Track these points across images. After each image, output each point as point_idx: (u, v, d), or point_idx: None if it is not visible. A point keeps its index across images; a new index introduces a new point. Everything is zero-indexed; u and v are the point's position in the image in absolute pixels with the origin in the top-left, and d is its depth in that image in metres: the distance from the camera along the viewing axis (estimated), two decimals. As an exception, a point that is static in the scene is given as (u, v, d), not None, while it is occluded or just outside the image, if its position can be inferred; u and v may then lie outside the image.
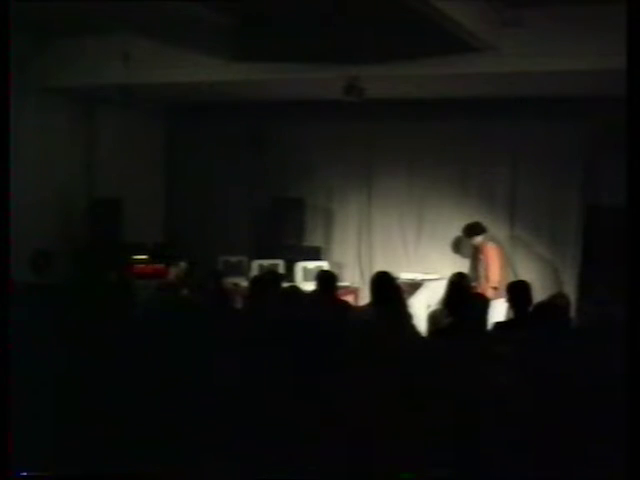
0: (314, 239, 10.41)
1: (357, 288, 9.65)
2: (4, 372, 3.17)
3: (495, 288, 8.26)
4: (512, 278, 7.79)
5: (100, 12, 7.20)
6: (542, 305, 5.35)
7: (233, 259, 9.65)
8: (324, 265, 9.29)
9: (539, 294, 5.78)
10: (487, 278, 8.54)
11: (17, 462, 3.28)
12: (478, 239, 8.98)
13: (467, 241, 9.30)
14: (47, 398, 4.35)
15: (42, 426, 4.15)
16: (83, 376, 4.52)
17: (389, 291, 5.77)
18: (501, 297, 7.21)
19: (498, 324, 5.72)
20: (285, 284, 7.03)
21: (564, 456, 3.85)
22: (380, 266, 7.92)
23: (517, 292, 5.48)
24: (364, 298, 8.45)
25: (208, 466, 3.95)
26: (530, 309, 5.38)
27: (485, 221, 9.14)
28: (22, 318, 4.51)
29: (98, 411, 4.32)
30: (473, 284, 8.16)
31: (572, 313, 6.37)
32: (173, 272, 8.43)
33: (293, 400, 4.23)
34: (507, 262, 9.06)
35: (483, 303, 6.06)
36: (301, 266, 9.32)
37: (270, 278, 6.61)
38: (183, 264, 8.43)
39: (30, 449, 3.73)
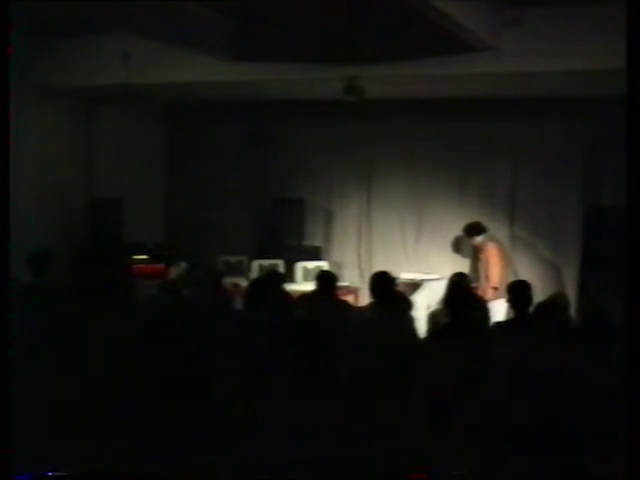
0: (314, 239, 10.42)
1: (357, 288, 9.64)
2: (4, 373, 3.17)
3: (495, 288, 8.22)
4: (512, 278, 7.78)
5: (100, 12, 7.19)
6: (542, 305, 5.35)
7: (233, 259, 9.65)
8: (324, 265, 9.29)
9: (539, 294, 5.77)
10: (487, 278, 8.49)
11: (17, 462, 3.29)
12: (478, 239, 8.91)
13: (467, 241, 9.29)
14: (48, 399, 4.35)
15: (42, 427, 4.15)
16: (84, 376, 4.53)
17: (388, 291, 5.77)
18: (501, 297, 7.20)
19: (498, 324, 5.71)
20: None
21: (562, 455, 3.85)
22: (380, 266, 7.91)
23: (518, 292, 5.46)
24: (364, 298, 8.44)
25: (210, 466, 3.95)
26: (530, 309, 5.37)
27: (485, 221, 9.13)
28: (22, 319, 4.51)
29: (99, 411, 4.33)
30: (474, 284, 8.16)
31: (572, 313, 6.36)
32: (174, 272, 8.42)
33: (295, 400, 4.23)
34: (508, 262, 9.04)
35: (483, 303, 6.05)
36: (301, 266, 9.32)
37: (271, 280, 6.59)
38: (183, 264, 8.42)
39: (30, 449, 3.73)
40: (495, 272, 8.49)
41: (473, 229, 8.98)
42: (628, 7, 3.39)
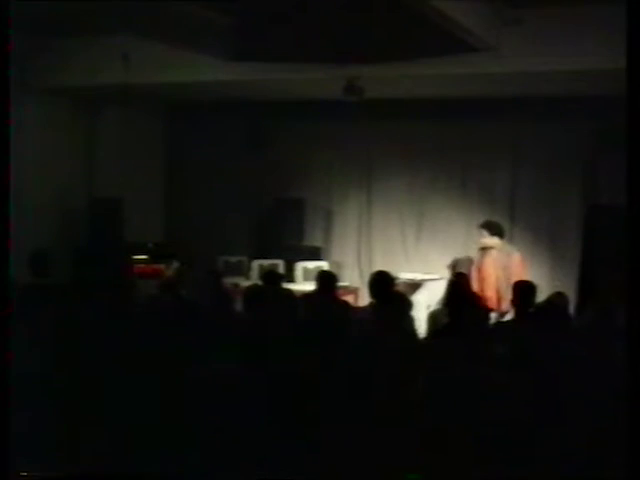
0: (314, 239, 10.42)
1: (357, 288, 9.65)
2: (4, 373, 3.17)
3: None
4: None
5: (100, 12, 7.20)
6: (541, 305, 5.35)
7: (233, 259, 9.66)
8: (324, 265, 9.29)
9: (539, 294, 5.76)
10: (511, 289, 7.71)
11: (17, 462, 3.29)
12: (495, 241, 8.15)
13: (488, 239, 8.32)
14: (48, 398, 4.35)
15: (42, 426, 4.15)
16: (84, 376, 4.53)
17: (388, 291, 5.76)
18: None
19: (497, 324, 5.72)
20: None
21: (562, 454, 3.85)
22: (380, 266, 7.91)
23: (523, 292, 5.45)
24: (364, 298, 8.44)
25: (209, 466, 3.95)
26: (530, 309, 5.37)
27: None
28: (22, 319, 4.51)
29: (99, 411, 4.33)
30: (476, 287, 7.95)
31: (571, 313, 6.36)
32: (168, 272, 8.44)
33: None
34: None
35: (483, 303, 6.05)
36: (301, 266, 9.33)
37: (269, 280, 6.59)
38: (176, 264, 8.43)
39: (30, 450, 3.73)
40: None
41: (496, 228, 8.19)
42: (628, 7, 3.39)
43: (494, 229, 8.19)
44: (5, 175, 3.39)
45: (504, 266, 7.91)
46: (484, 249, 8.11)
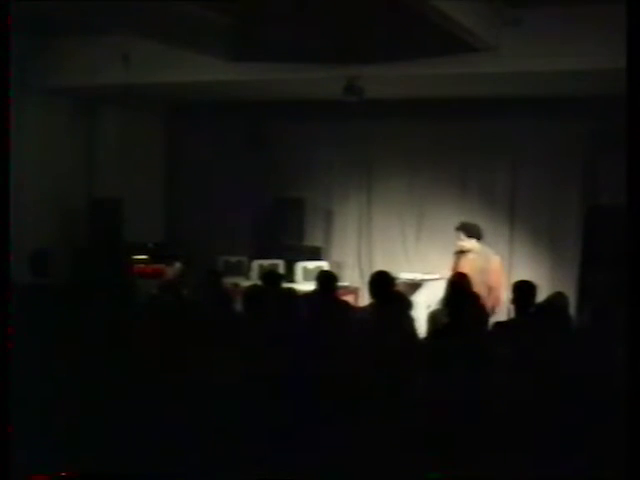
0: (314, 239, 10.43)
1: (357, 288, 9.65)
2: (5, 373, 3.17)
3: (494, 307, 7.18)
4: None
5: (100, 12, 7.19)
6: (541, 305, 5.35)
7: (233, 259, 9.66)
8: (324, 265, 9.29)
9: (539, 294, 5.76)
10: (491, 290, 7.31)
11: (17, 462, 3.29)
12: (472, 243, 7.70)
13: (466, 241, 8.53)
14: (48, 399, 4.35)
15: (42, 426, 4.15)
16: (85, 377, 4.53)
17: (388, 291, 5.76)
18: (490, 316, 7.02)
19: (498, 324, 5.71)
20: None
21: (562, 454, 3.85)
22: (380, 266, 7.91)
23: (522, 292, 5.44)
24: (364, 298, 8.44)
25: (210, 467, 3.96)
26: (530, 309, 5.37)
27: (485, 221, 9.01)
28: (22, 319, 4.51)
29: (99, 411, 4.33)
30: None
31: (571, 313, 6.36)
32: (170, 272, 8.43)
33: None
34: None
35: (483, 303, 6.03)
36: (301, 266, 9.33)
37: (269, 280, 6.58)
38: (178, 264, 8.43)
39: (30, 450, 3.73)
40: (501, 288, 7.40)
41: (473, 230, 7.80)
42: (628, 7, 3.39)
43: (471, 231, 7.72)
44: (5, 175, 3.39)
45: (482, 269, 7.41)
46: (461, 252, 7.68)
